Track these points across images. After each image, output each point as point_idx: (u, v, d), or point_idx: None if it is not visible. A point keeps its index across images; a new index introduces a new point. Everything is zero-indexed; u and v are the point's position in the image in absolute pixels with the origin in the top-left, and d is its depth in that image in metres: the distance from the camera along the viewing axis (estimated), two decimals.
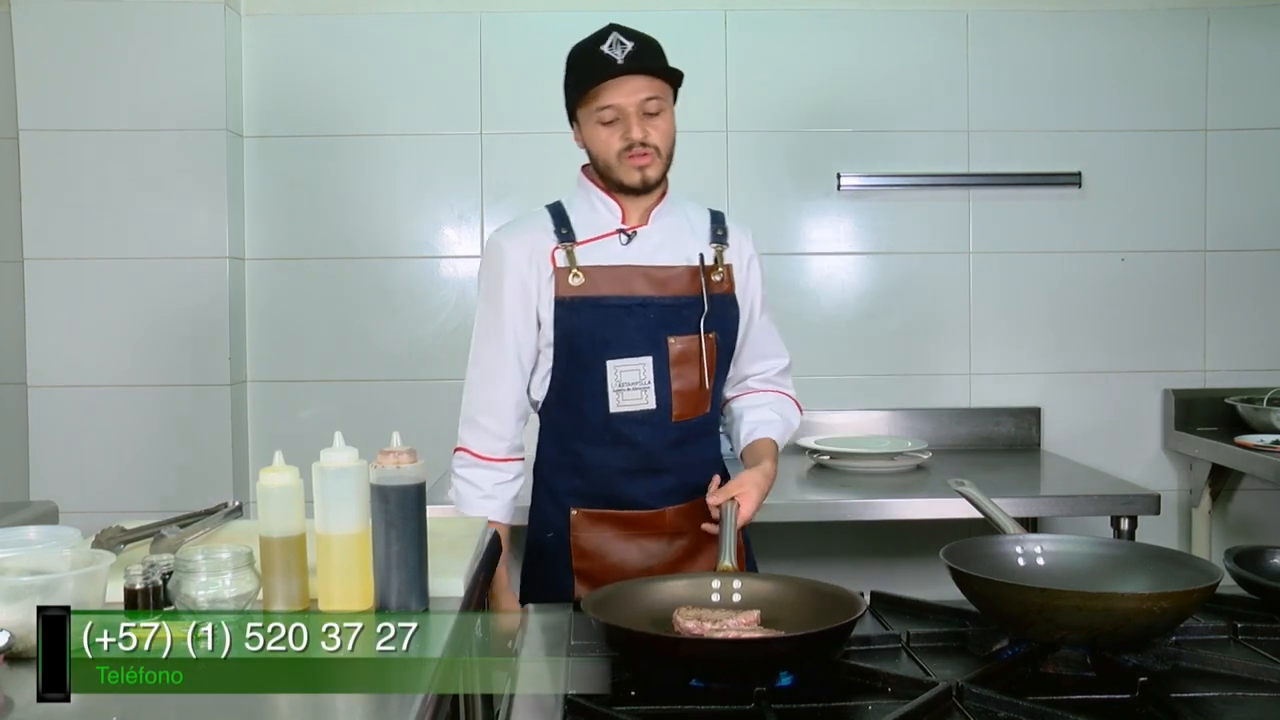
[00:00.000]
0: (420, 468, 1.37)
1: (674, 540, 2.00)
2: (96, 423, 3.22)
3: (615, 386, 1.93)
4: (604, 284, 1.94)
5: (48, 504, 3.00)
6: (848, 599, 1.44)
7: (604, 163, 1.95)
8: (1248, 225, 3.48)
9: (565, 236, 1.96)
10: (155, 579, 1.36)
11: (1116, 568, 1.55)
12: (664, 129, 1.93)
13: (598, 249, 1.97)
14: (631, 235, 1.98)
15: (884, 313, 3.46)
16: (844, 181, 3.40)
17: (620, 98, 1.89)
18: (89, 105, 3.20)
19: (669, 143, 1.95)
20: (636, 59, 1.89)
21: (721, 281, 2.01)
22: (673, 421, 1.96)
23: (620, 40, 1.91)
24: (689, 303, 1.96)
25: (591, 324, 1.93)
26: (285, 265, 3.40)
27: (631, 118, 1.90)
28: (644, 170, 1.92)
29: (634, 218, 2.00)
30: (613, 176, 1.95)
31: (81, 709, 1.12)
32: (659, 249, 1.98)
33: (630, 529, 1.99)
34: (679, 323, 1.95)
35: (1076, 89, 3.44)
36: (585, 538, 1.99)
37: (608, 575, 1.95)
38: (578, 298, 1.93)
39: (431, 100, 3.40)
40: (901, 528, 3.22)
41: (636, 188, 1.95)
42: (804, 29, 3.41)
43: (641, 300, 1.94)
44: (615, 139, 1.92)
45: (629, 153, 1.91)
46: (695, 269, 1.97)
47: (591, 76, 1.90)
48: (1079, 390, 3.47)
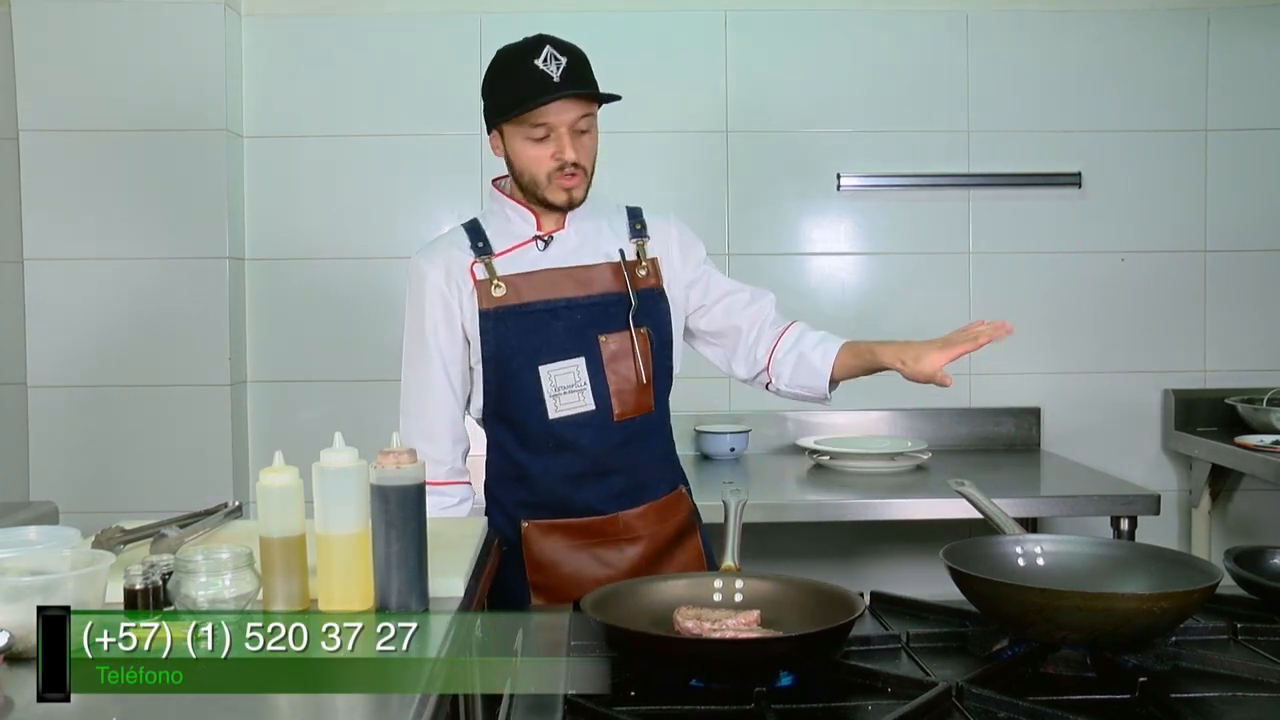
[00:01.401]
0: (420, 468, 1.37)
1: (629, 546, 1.97)
2: (96, 423, 3.22)
3: (551, 391, 1.91)
4: (527, 290, 1.93)
5: (48, 504, 3.00)
6: (847, 599, 1.44)
7: (530, 179, 1.92)
8: (1248, 225, 3.48)
9: (482, 250, 1.95)
10: (155, 579, 1.36)
11: (1116, 568, 1.55)
12: (590, 147, 1.92)
13: (516, 258, 1.96)
14: (548, 240, 1.97)
15: (884, 313, 3.46)
16: (844, 181, 3.40)
17: (554, 117, 1.87)
18: (89, 105, 3.20)
19: (593, 161, 1.94)
20: (572, 78, 1.87)
21: (647, 276, 1.99)
22: (615, 421, 1.94)
23: (555, 55, 1.88)
24: (615, 299, 1.95)
25: (519, 331, 1.92)
26: (285, 265, 3.40)
27: (565, 138, 1.88)
28: (570, 191, 1.91)
29: (549, 223, 1.98)
30: (538, 193, 1.93)
31: (81, 709, 1.12)
32: (578, 250, 1.97)
33: (582, 537, 1.96)
34: (607, 320, 1.93)
35: (1076, 89, 3.44)
36: (538, 550, 1.95)
37: (563, 586, 1.94)
38: (502, 307, 1.92)
39: (431, 101, 3.40)
40: (901, 528, 3.22)
41: (563, 207, 1.94)
42: (804, 29, 3.41)
43: (567, 302, 1.93)
44: (546, 158, 1.89)
45: (560, 173, 1.90)
46: (617, 265, 1.96)
47: (529, 95, 1.86)
48: (1079, 390, 3.47)
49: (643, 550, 1.98)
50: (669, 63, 3.41)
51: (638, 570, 1.96)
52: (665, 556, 2.00)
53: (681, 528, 2.04)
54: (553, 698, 1.26)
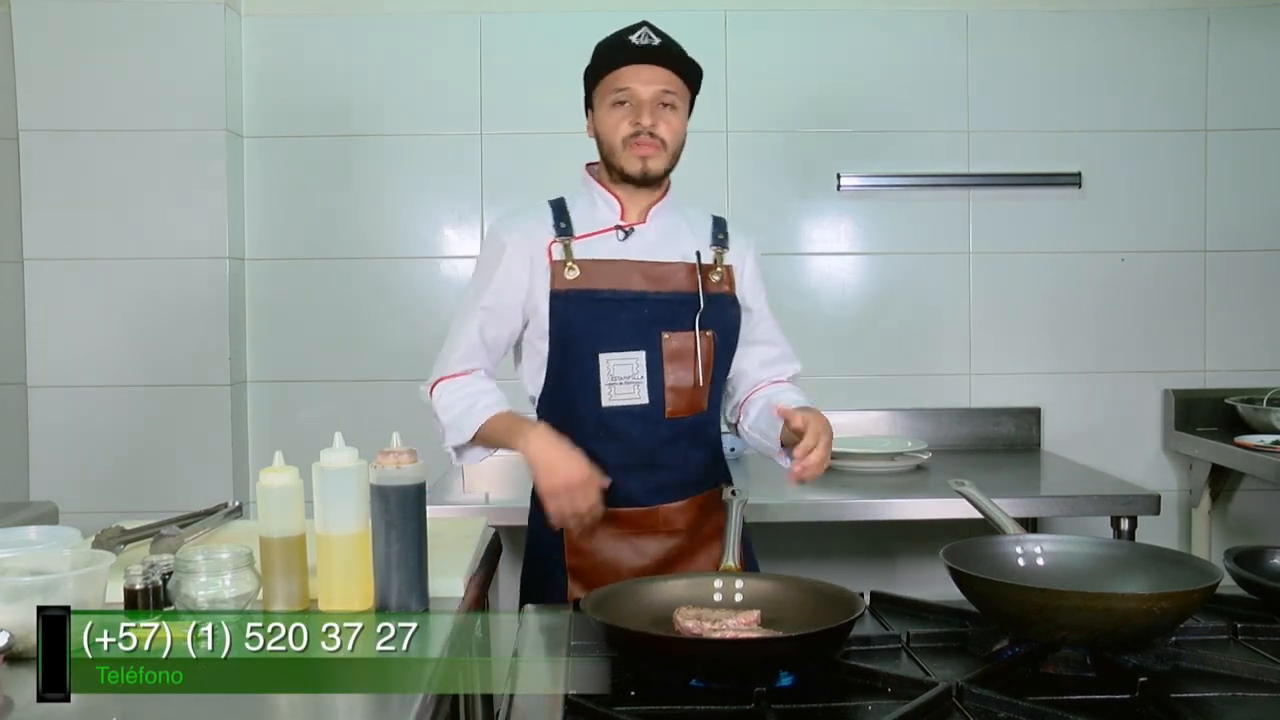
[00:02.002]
0: (420, 468, 1.37)
1: (668, 539, 1.98)
2: (96, 423, 3.22)
3: (607, 380, 1.92)
4: (599, 278, 1.93)
5: (48, 504, 3.00)
6: (847, 599, 1.44)
7: (609, 147, 1.95)
8: (1248, 225, 3.47)
9: (563, 230, 1.96)
10: (155, 579, 1.36)
11: (1116, 568, 1.55)
12: (675, 125, 1.94)
13: (595, 244, 1.96)
14: (629, 231, 1.98)
15: (884, 313, 3.46)
16: (844, 182, 3.40)
17: (637, 84, 1.91)
18: (89, 105, 3.20)
19: (677, 141, 1.96)
20: (658, 52, 1.92)
21: (720, 282, 2.00)
22: (666, 418, 1.95)
23: (649, 34, 1.93)
24: (685, 299, 1.95)
25: (585, 317, 1.92)
26: (285, 265, 3.40)
27: (644, 105, 1.91)
28: (646, 160, 1.92)
29: (632, 215, 2.00)
30: (615, 163, 1.95)
31: (81, 709, 1.12)
32: (656, 246, 1.98)
33: (622, 527, 1.97)
34: (674, 319, 1.94)
35: (1076, 89, 3.44)
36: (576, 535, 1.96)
37: (600, 573, 1.94)
38: (572, 291, 1.93)
39: (431, 100, 3.40)
40: (901, 528, 3.22)
41: (636, 177, 1.94)
42: (804, 29, 3.41)
43: (636, 295, 1.93)
44: (625, 123, 1.92)
45: (635, 139, 1.92)
46: (692, 266, 1.97)
47: (613, 59, 1.92)
48: (1079, 390, 3.47)
49: (680, 544, 1.99)
50: None
51: (674, 561, 1.97)
52: (702, 552, 2.00)
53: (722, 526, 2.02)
54: (553, 698, 1.26)
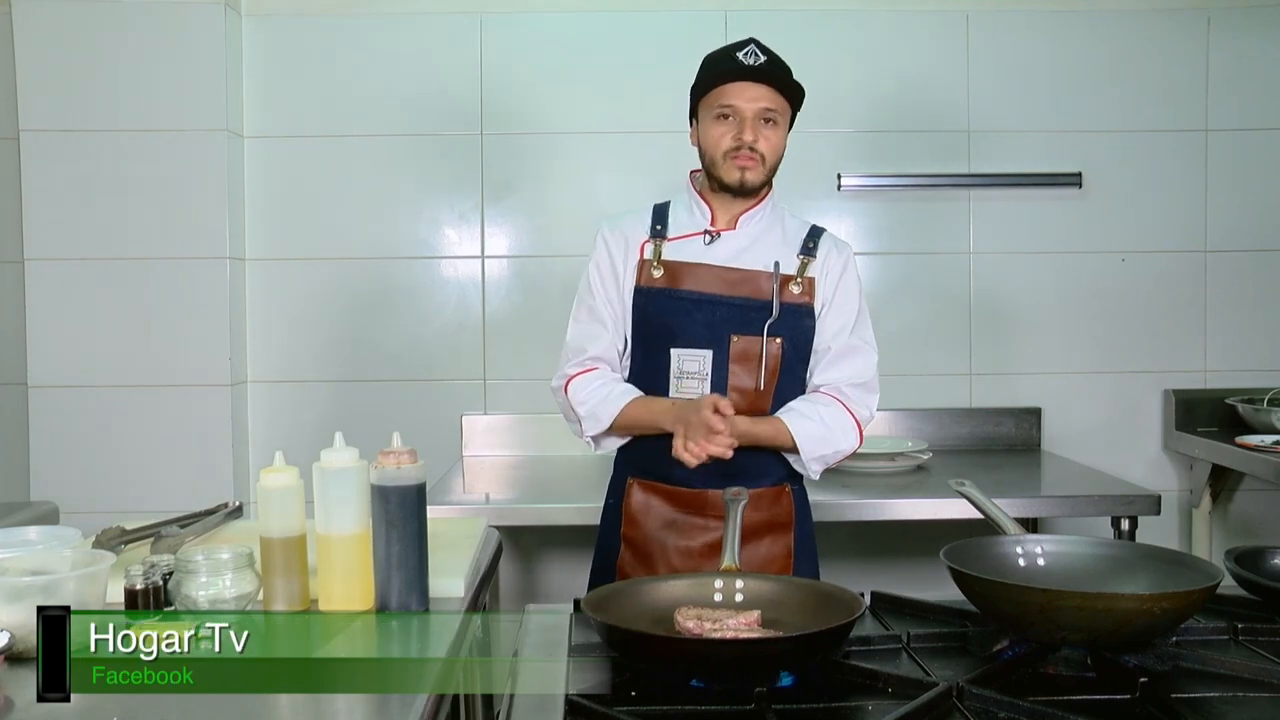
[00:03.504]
0: (420, 468, 1.37)
1: (715, 523, 2.03)
2: (97, 423, 3.22)
3: (676, 374, 2.03)
4: (681, 279, 2.05)
5: (48, 504, 3.00)
6: (848, 599, 1.44)
7: (710, 158, 2.05)
8: (1248, 225, 3.47)
9: (658, 233, 2.08)
10: (155, 579, 1.36)
11: (1117, 568, 1.55)
12: (774, 141, 2.03)
13: (683, 246, 2.07)
14: (716, 237, 2.08)
15: (884, 313, 3.45)
16: (844, 182, 3.40)
17: (741, 100, 2.00)
18: (89, 105, 3.20)
19: (775, 155, 2.05)
20: (764, 70, 2.00)
21: (801, 293, 2.06)
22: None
23: (756, 52, 2.03)
24: (758, 305, 2.03)
25: (662, 314, 2.04)
26: (286, 265, 3.40)
27: (747, 120, 2.00)
28: (745, 172, 2.02)
29: (722, 221, 2.09)
30: (715, 173, 2.05)
31: (81, 709, 1.12)
32: (742, 252, 2.07)
33: (673, 503, 2.07)
34: (745, 323, 2.02)
35: (1077, 89, 3.44)
36: (635, 506, 2.09)
37: (647, 544, 2.07)
38: (654, 288, 2.05)
39: (432, 101, 3.40)
40: (902, 528, 3.22)
41: (735, 188, 2.04)
42: (804, 29, 3.41)
43: (711, 297, 2.03)
44: (727, 137, 2.02)
45: (736, 153, 2.01)
46: (770, 274, 2.04)
47: (720, 75, 2.02)
48: (1079, 390, 3.47)
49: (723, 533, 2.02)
50: (669, 63, 3.39)
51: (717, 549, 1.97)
52: (750, 545, 2.02)
53: (775, 521, 2.10)
54: (553, 698, 1.26)
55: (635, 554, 2.08)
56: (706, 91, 2.04)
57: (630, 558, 2.08)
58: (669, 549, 2.05)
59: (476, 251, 3.41)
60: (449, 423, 3.37)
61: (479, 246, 3.41)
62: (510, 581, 3.32)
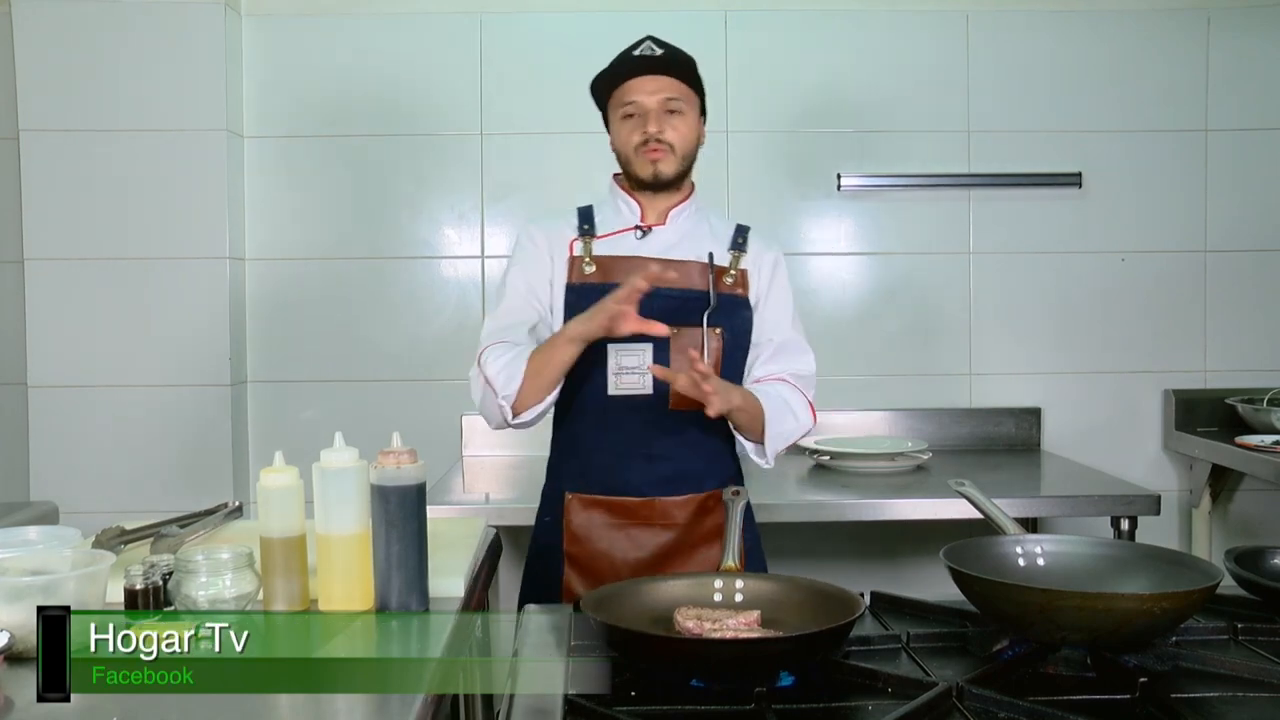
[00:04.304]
0: (420, 468, 1.37)
1: (664, 532, 2.01)
2: (97, 423, 3.22)
3: (614, 370, 1.99)
4: (613, 273, 2.01)
5: (48, 504, 3.01)
6: (848, 599, 1.44)
7: (624, 157, 2.05)
8: (1248, 225, 3.47)
9: (586, 231, 2.07)
10: (155, 579, 1.36)
11: (1117, 568, 1.55)
12: (683, 130, 2.03)
13: (614, 243, 2.06)
14: (647, 231, 2.07)
15: (884, 313, 3.46)
16: (844, 182, 3.40)
17: (641, 95, 2.01)
18: (90, 105, 3.20)
19: (687, 144, 2.04)
20: (663, 59, 2.01)
21: (734, 284, 2.05)
22: (670, 409, 1.98)
23: (652, 46, 2.03)
24: (695, 296, 2.01)
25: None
26: (286, 265, 3.40)
27: (651, 114, 2.00)
28: (657, 164, 2.01)
29: (652, 217, 2.08)
30: (630, 170, 2.05)
31: (81, 709, 1.12)
32: (673, 246, 2.05)
33: (620, 516, 2.02)
34: (683, 314, 1.98)
35: (1077, 89, 3.44)
36: (577, 522, 2.02)
37: (595, 561, 2.00)
38: (587, 284, 2.01)
39: (432, 100, 3.40)
40: (902, 528, 3.22)
41: (649, 182, 2.03)
42: (804, 29, 3.41)
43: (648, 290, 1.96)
44: (635, 133, 2.02)
45: (645, 147, 2.01)
46: (705, 265, 2.03)
47: (620, 73, 2.03)
48: (1079, 390, 3.47)
49: (676, 538, 2.02)
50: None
51: (669, 556, 2.00)
52: (699, 549, 2.02)
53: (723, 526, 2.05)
54: (553, 698, 1.26)
55: (581, 571, 2.01)
56: (611, 92, 2.04)
57: (576, 575, 2.02)
58: (618, 562, 2.00)
59: (476, 251, 3.41)
60: (449, 423, 3.37)
61: (479, 246, 3.41)
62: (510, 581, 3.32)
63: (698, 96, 2.06)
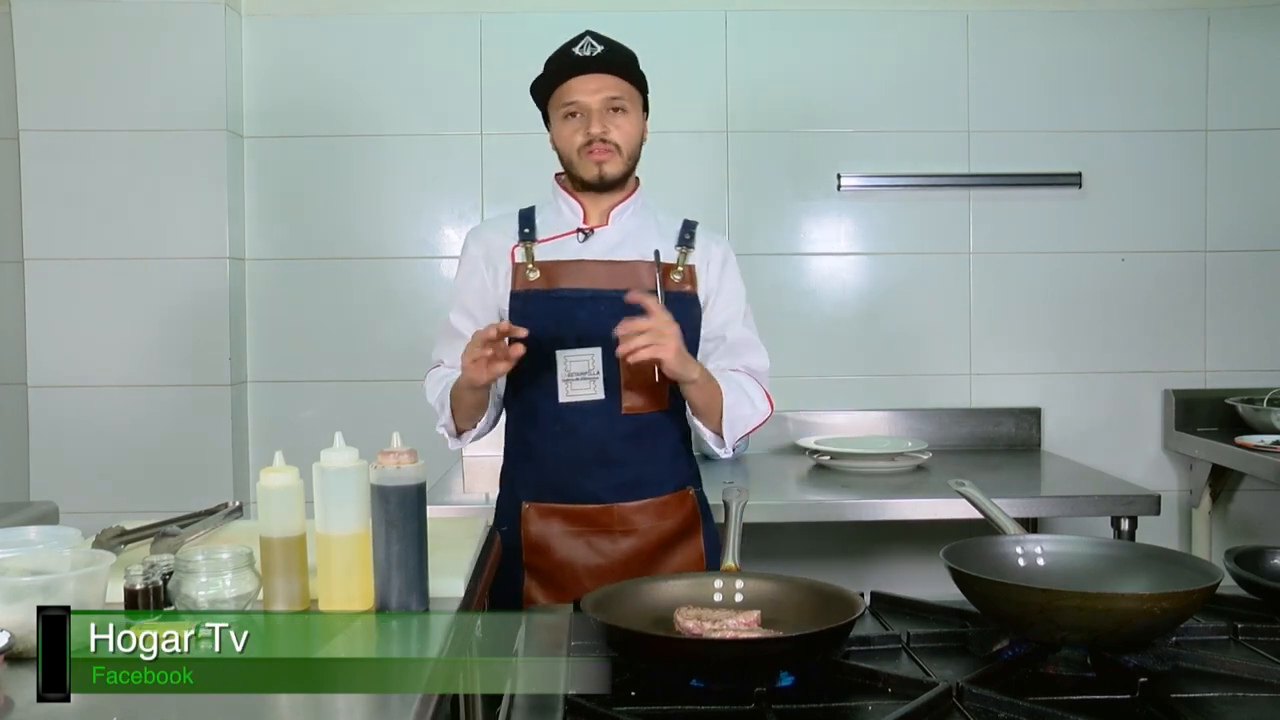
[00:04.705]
0: (421, 468, 1.37)
1: (624, 538, 2.00)
2: (97, 423, 3.22)
3: (565, 376, 1.96)
4: (559, 278, 1.98)
5: (48, 504, 3.00)
6: (848, 599, 1.44)
7: (566, 158, 2.02)
8: (1248, 225, 3.47)
9: (527, 236, 2.03)
10: (155, 579, 1.36)
11: (1117, 568, 1.55)
12: (626, 129, 1.99)
13: (557, 247, 2.02)
14: (589, 234, 2.03)
15: (884, 313, 3.46)
16: (844, 182, 3.40)
17: (583, 94, 1.96)
18: (89, 106, 3.20)
19: (631, 143, 2.00)
20: (600, 60, 1.95)
21: (682, 281, 2.02)
22: (623, 413, 1.97)
23: (592, 43, 1.97)
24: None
25: (544, 315, 1.96)
26: (286, 265, 3.40)
27: (593, 113, 1.96)
28: (602, 165, 1.98)
29: (594, 218, 2.04)
30: (574, 172, 2.01)
31: (81, 709, 1.12)
32: (618, 246, 2.02)
33: (579, 524, 2.00)
34: (631, 315, 1.93)
35: (1077, 89, 3.44)
36: (535, 532, 2.00)
37: (555, 570, 1.99)
38: (532, 291, 1.99)
39: (432, 101, 3.40)
40: (901, 528, 3.22)
41: (594, 183, 2.00)
42: (804, 29, 3.41)
43: (594, 293, 1.97)
44: (577, 134, 1.98)
45: (589, 148, 1.97)
46: (651, 264, 1.99)
47: (560, 72, 1.98)
48: (1079, 391, 3.47)
49: (637, 544, 2.00)
50: (669, 63, 3.40)
51: (630, 563, 1.99)
52: (661, 554, 2.02)
53: (683, 527, 2.05)
54: (553, 698, 1.26)
55: (542, 581, 2.00)
56: (551, 92, 2.00)
57: (536, 585, 2.00)
58: (579, 570, 1.98)
59: None
60: None
61: None
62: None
63: (640, 93, 2.02)
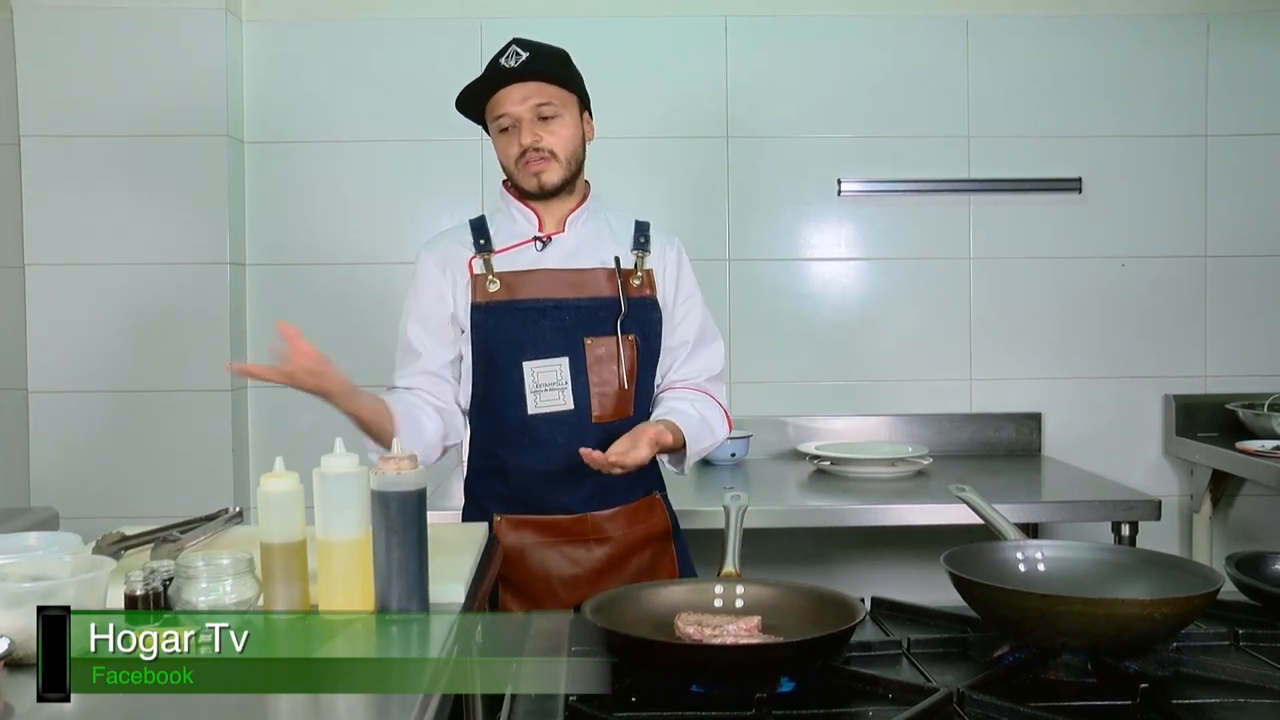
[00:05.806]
0: (421, 474, 1.37)
1: (597, 546, 1.99)
2: (97, 428, 3.22)
3: (532, 388, 1.95)
4: (520, 288, 1.97)
5: (48, 509, 3.00)
6: (848, 605, 1.43)
7: (507, 170, 2.01)
8: (1248, 230, 3.48)
9: (483, 246, 2.01)
10: (156, 585, 1.36)
11: (1117, 573, 1.55)
12: (562, 134, 1.97)
13: (514, 256, 2.01)
14: (547, 242, 2.02)
15: (885, 318, 3.46)
16: (844, 187, 3.41)
17: (511, 105, 1.95)
18: (90, 111, 3.20)
19: (568, 148, 1.98)
20: (528, 67, 1.93)
21: (641, 285, 2.02)
22: (593, 423, 1.97)
23: (517, 51, 1.95)
24: (606, 304, 1.98)
25: (508, 327, 1.96)
26: (286, 271, 3.40)
27: (523, 124, 1.95)
28: (540, 175, 1.97)
29: (550, 225, 2.03)
30: (516, 183, 2.01)
31: (81, 709, 1.12)
32: (575, 253, 2.01)
33: (552, 535, 1.99)
34: (596, 324, 1.96)
35: (1077, 94, 3.44)
36: (507, 544, 1.98)
37: (530, 581, 1.98)
38: (494, 303, 1.97)
39: (432, 106, 3.39)
40: (902, 533, 3.21)
41: (535, 193, 1.99)
42: (804, 34, 3.42)
43: (557, 302, 1.96)
44: (512, 145, 1.97)
45: (523, 159, 1.96)
46: (612, 271, 1.99)
47: (487, 85, 1.98)
48: (1080, 396, 3.47)
49: (610, 551, 2.01)
50: (669, 68, 3.42)
51: (604, 571, 1.99)
52: (635, 560, 2.02)
53: (654, 533, 2.06)
54: (553, 702, 1.26)
55: (517, 594, 1.99)
56: (484, 106, 1.99)
57: (510, 596, 1.99)
58: (554, 580, 1.98)
59: None
60: None
61: None
62: None
63: (574, 94, 1.99)
